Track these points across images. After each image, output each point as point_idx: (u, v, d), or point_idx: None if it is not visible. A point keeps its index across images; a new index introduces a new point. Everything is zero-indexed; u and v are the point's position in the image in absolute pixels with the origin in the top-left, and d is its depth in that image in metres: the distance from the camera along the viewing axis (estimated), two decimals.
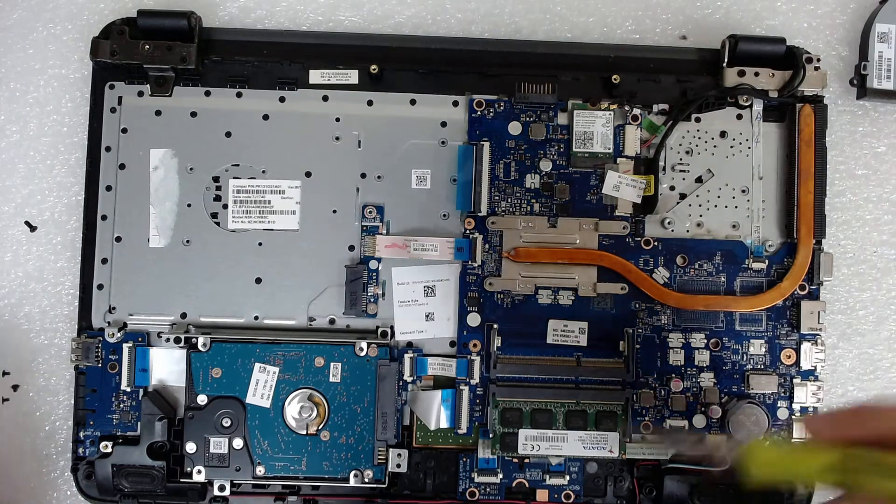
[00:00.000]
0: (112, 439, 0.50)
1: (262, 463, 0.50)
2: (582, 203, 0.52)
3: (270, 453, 0.50)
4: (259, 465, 0.50)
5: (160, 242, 0.52)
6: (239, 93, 0.53)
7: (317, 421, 0.50)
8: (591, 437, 0.50)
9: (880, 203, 0.55)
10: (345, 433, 0.50)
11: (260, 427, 0.50)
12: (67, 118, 0.54)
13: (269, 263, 0.52)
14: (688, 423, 0.51)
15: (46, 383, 0.53)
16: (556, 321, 0.52)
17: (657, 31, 0.56)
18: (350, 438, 0.50)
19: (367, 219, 0.52)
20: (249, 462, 0.50)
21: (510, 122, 0.52)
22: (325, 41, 0.53)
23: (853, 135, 0.55)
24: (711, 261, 0.52)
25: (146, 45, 0.51)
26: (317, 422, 0.50)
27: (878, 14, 0.54)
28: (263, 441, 0.50)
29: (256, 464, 0.50)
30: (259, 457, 0.50)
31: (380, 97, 0.53)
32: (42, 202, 0.54)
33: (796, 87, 0.51)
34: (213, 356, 0.50)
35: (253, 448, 0.50)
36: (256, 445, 0.50)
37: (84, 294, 0.52)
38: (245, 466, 0.50)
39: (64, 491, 0.53)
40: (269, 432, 0.50)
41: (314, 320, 0.52)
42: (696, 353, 0.52)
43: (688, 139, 0.53)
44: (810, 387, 0.52)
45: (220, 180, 0.52)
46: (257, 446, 0.50)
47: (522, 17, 0.56)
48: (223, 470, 0.50)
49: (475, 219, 0.52)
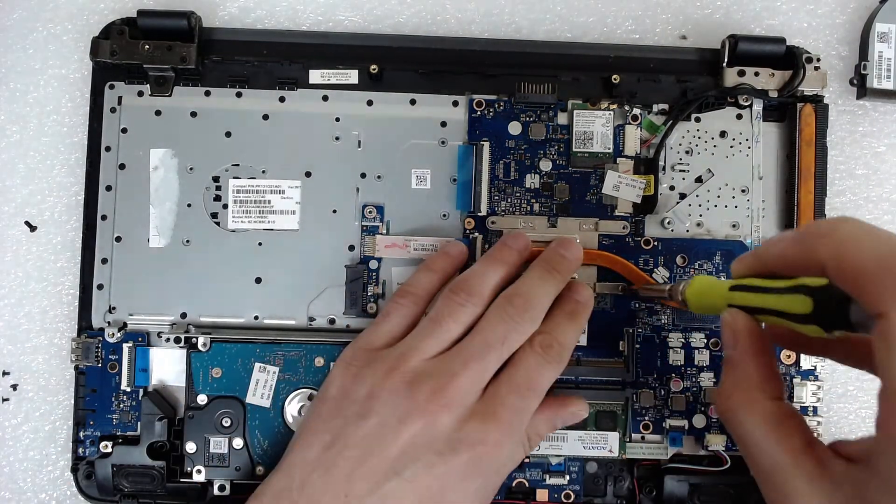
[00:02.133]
0: (112, 439, 0.50)
1: (262, 463, 0.50)
2: (582, 203, 0.52)
3: (270, 453, 0.50)
4: (259, 465, 0.50)
5: (160, 242, 0.52)
6: (239, 93, 0.53)
7: None
8: (590, 437, 0.50)
9: (880, 203, 0.55)
10: None
11: (260, 427, 0.50)
12: (67, 118, 0.54)
13: (269, 263, 0.52)
14: (688, 423, 0.51)
15: (46, 383, 0.53)
16: None
17: (657, 31, 0.56)
18: None
19: (367, 219, 0.52)
20: (249, 462, 0.50)
21: (510, 122, 0.52)
22: (325, 41, 0.53)
23: (853, 135, 0.55)
24: (711, 261, 0.52)
25: (146, 45, 0.51)
26: None
27: (878, 14, 0.54)
28: (263, 441, 0.50)
29: (256, 464, 0.50)
30: (259, 457, 0.50)
31: (380, 97, 0.53)
32: (42, 202, 0.54)
33: (796, 86, 0.51)
34: (213, 356, 0.50)
35: (253, 448, 0.50)
36: (256, 445, 0.50)
37: (84, 294, 0.52)
38: (245, 466, 0.50)
39: (64, 491, 0.53)
40: (269, 432, 0.50)
41: (314, 320, 0.52)
42: (696, 353, 0.52)
43: (688, 139, 0.53)
44: (810, 386, 0.52)
45: (220, 180, 0.52)
46: (257, 446, 0.50)
47: (522, 17, 0.56)
48: (223, 470, 0.50)
49: (475, 219, 0.52)
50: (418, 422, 0.41)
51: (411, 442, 0.41)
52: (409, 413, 0.41)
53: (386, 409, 0.42)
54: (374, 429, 0.42)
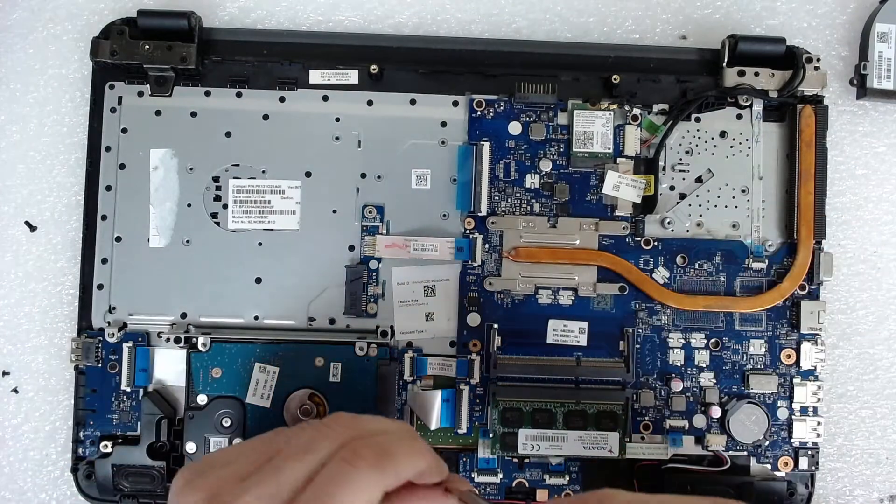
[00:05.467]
0: (112, 439, 0.50)
1: None
2: (582, 203, 0.52)
3: None
4: None
5: (160, 242, 0.52)
6: (239, 93, 0.53)
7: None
8: (591, 437, 0.50)
9: (880, 203, 0.55)
10: None
11: (260, 427, 0.50)
12: (67, 118, 0.54)
13: (269, 263, 0.52)
14: (688, 423, 0.51)
15: (46, 383, 0.53)
16: (556, 321, 0.52)
17: (657, 31, 0.56)
18: None
19: (367, 219, 0.52)
20: None
21: (510, 122, 0.52)
22: (325, 41, 0.53)
23: (853, 135, 0.55)
24: (711, 261, 0.52)
25: (146, 45, 0.51)
26: None
27: (878, 14, 0.54)
28: None
29: None
30: None
31: (380, 97, 0.53)
32: (42, 202, 0.54)
33: (796, 87, 0.51)
34: (213, 356, 0.50)
35: None
36: None
37: (84, 294, 0.52)
38: None
39: (64, 491, 0.53)
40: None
41: (314, 320, 0.52)
42: (696, 353, 0.52)
43: (688, 139, 0.53)
44: (810, 387, 0.52)
45: (220, 180, 0.52)
46: None
47: (522, 17, 0.56)
48: None
49: (475, 219, 0.52)
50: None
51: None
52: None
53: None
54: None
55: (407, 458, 0.33)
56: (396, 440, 0.34)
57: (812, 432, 0.51)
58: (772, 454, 0.52)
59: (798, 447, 0.52)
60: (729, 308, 0.52)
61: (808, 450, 0.52)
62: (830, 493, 0.54)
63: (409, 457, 0.34)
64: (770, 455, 0.52)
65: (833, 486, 0.54)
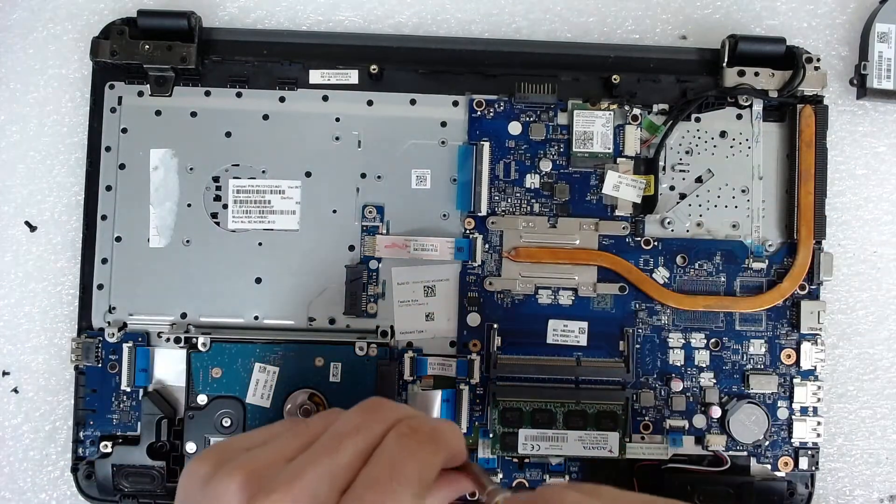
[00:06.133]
0: (112, 439, 0.50)
1: None
2: (582, 203, 0.52)
3: None
4: None
5: (160, 242, 0.52)
6: (239, 93, 0.53)
7: None
8: (591, 437, 0.50)
9: (880, 203, 0.55)
10: None
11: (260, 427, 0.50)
12: (67, 118, 0.54)
13: (269, 263, 0.52)
14: (688, 423, 0.51)
15: (46, 383, 0.53)
16: (556, 321, 0.52)
17: (657, 31, 0.56)
18: None
19: (367, 219, 0.52)
20: None
21: (510, 122, 0.52)
22: (325, 41, 0.53)
23: (853, 135, 0.55)
24: (711, 261, 0.52)
25: (146, 45, 0.51)
26: None
27: (878, 14, 0.54)
28: None
29: None
30: None
31: (380, 97, 0.53)
32: (42, 202, 0.54)
33: (796, 87, 0.51)
34: (213, 356, 0.50)
35: None
36: None
37: (84, 294, 0.52)
38: None
39: (64, 491, 0.53)
40: None
41: (314, 320, 0.52)
42: (696, 353, 0.52)
43: (688, 139, 0.53)
44: (810, 387, 0.52)
45: (220, 180, 0.52)
46: None
47: (522, 17, 0.56)
48: None
49: (475, 219, 0.52)
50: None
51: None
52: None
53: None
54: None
55: (454, 438, 0.34)
56: (437, 421, 0.35)
57: (812, 432, 0.51)
58: (772, 454, 0.52)
59: (798, 447, 0.52)
60: (729, 308, 0.52)
61: (808, 450, 0.52)
62: (830, 493, 0.54)
63: (454, 436, 0.34)
64: (770, 455, 0.52)
65: (833, 486, 0.54)
